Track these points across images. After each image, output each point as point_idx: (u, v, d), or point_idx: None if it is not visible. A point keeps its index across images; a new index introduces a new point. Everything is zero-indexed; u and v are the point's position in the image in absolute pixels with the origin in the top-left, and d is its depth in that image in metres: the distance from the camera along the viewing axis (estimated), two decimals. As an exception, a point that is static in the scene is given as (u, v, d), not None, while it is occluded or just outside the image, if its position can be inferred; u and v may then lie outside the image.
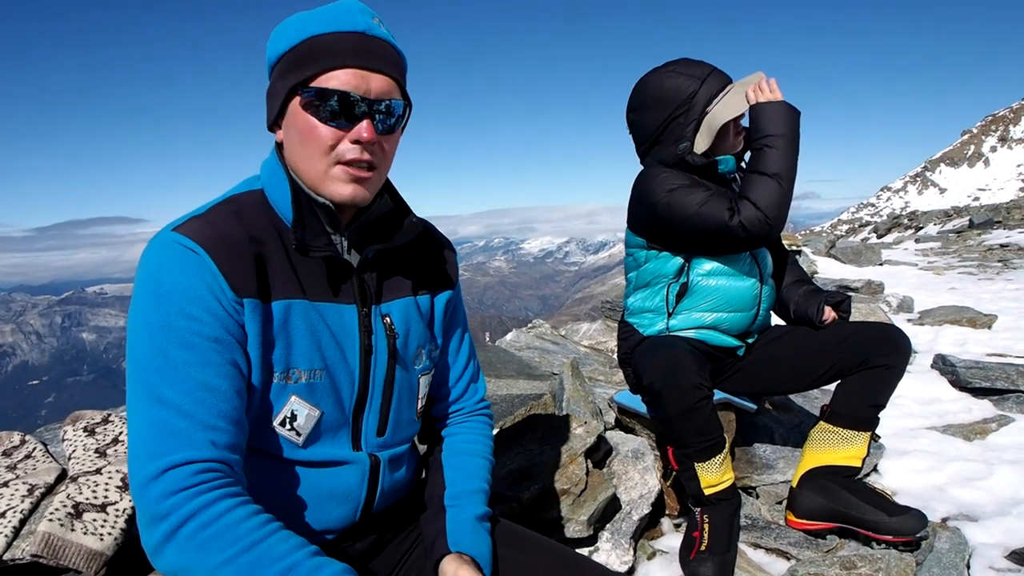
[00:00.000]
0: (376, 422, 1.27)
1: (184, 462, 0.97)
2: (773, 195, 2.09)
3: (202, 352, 1.03)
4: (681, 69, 2.25)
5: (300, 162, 1.16)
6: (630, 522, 2.15)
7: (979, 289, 7.45)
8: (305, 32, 1.13)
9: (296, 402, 1.16)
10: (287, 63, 1.15)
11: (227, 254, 1.07)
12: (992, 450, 2.99)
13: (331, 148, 1.13)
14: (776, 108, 2.12)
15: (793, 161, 2.11)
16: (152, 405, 1.00)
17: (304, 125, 1.13)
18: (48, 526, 1.48)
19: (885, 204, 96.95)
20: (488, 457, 1.45)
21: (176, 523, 0.94)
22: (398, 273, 1.32)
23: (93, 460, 1.78)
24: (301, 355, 1.15)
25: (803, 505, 2.26)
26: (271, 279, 1.13)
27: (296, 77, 1.13)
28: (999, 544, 2.19)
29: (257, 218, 1.16)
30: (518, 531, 1.38)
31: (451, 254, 1.46)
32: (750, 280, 2.30)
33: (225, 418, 1.03)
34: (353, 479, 1.25)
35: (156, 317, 1.03)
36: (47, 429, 2.19)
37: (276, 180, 1.19)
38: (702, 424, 2.06)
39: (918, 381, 3.89)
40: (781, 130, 2.11)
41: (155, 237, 1.09)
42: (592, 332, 4.67)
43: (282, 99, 1.15)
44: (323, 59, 1.11)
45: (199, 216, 1.11)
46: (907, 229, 19.59)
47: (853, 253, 10.03)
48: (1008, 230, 13.96)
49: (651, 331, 2.36)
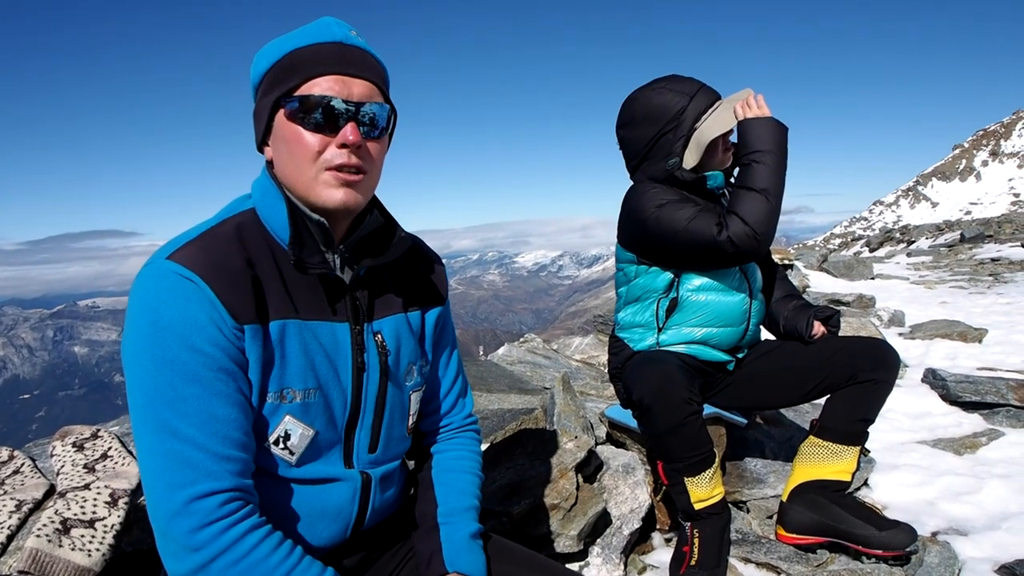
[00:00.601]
0: (368, 439, 1.28)
1: (207, 493, 1.01)
2: (761, 210, 2.10)
3: (209, 383, 1.04)
4: (670, 86, 2.27)
5: (290, 174, 1.16)
6: (620, 537, 2.15)
7: (970, 303, 7.49)
8: (284, 48, 1.15)
9: (290, 421, 1.16)
10: (270, 80, 1.16)
11: (225, 281, 1.07)
12: (982, 464, 3.00)
13: (318, 154, 1.13)
14: (764, 124, 2.14)
15: (780, 177, 2.13)
16: (165, 437, 1.02)
17: (291, 135, 1.14)
18: (36, 542, 1.48)
19: (878, 218, 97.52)
20: (478, 473, 1.45)
21: (210, 556, 1.00)
22: (389, 290, 1.33)
23: (82, 475, 1.78)
24: (295, 375, 1.16)
25: (793, 519, 2.26)
26: (268, 300, 1.14)
27: (279, 90, 1.14)
28: (989, 559, 2.19)
29: (251, 239, 1.16)
30: (508, 546, 1.39)
31: (441, 269, 1.47)
32: (740, 295, 2.31)
33: (237, 446, 1.06)
34: (344, 497, 1.25)
35: (160, 351, 1.03)
36: (36, 444, 2.19)
37: (269, 199, 1.19)
38: (692, 439, 2.07)
39: (908, 395, 3.90)
40: (768, 146, 2.13)
41: (149, 265, 1.08)
42: (584, 346, 4.67)
43: (268, 115, 1.16)
44: (304, 69, 1.13)
45: (192, 242, 1.10)
46: (899, 243, 19.70)
47: (845, 267, 10.08)
48: (999, 244, 14.05)
49: (641, 346, 2.37)
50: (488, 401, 2.94)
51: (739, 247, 2.10)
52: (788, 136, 2.17)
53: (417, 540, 1.35)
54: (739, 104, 2.19)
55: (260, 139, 1.21)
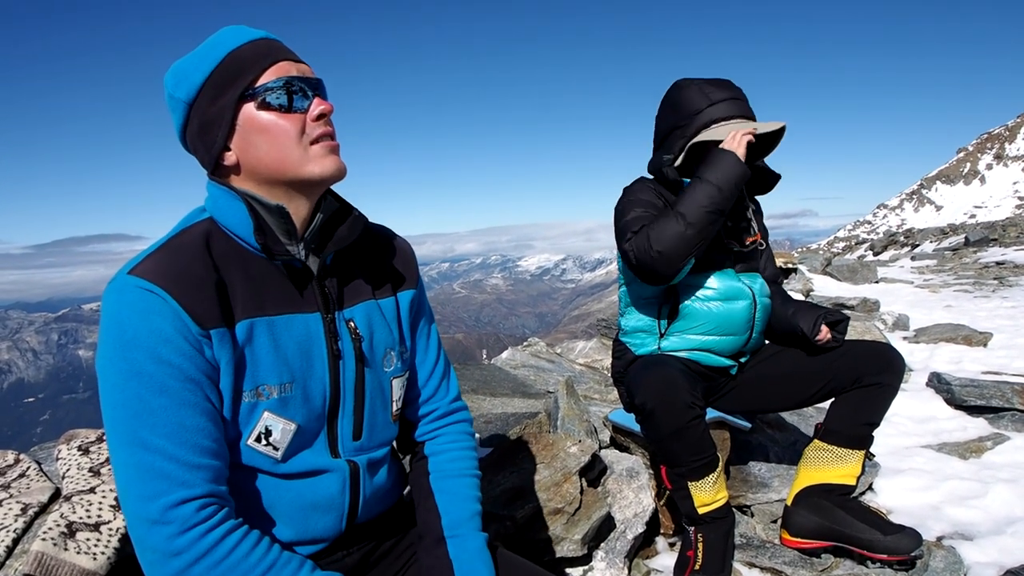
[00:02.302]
0: (351, 427, 1.29)
1: (182, 501, 1.02)
2: (669, 230, 2.07)
3: (176, 394, 1.05)
4: (704, 87, 2.25)
5: (274, 161, 1.17)
6: (624, 541, 2.15)
7: (975, 307, 7.46)
8: (219, 53, 1.17)
9: (269, 418, 1.17)
10: (216, 84, 1.16)
11: (187, 289, 1.08)
12: (987, 468, 2.99)
13: (301, 132, 1.17)
14: (726, 158, 2.10)
15: (707, 210, 2.07)
16: (136, 449, 1.03)
17: (267, 124, 1.16)
18: (41, 545, 1.48)
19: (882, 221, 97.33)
20: (475, 473, 1.45)
21: (190, 560, 1.02)
22: (357, 277, 1.34)
23: (87, 479, 1.78)
24: (269, 371, 1.16)
25: (797, 524, 2.26)
26: (233, 302, 1.14)
27: (237, 87, 1.16)
28: (994, 563, 2.19)
29: (212, 245, 1.16)
30: (516, 561, 1.39)
31: (408, 253, 1.47)
32: (743, 303, 2.30)
33: (208, 453, 1.07)
34: (334, 487, 1.26)
35: (125, 364, 1.04)
36: (41, 448, 2.20)
37: (224, 201, 1.19)
38: (695, 443, 2.06)
39: (913, 399, 3.89)
40: (714, 178, 2.09)
41: (113, 281, 1.09)
42: (588, 350, 4.67)
43: (231, 114, 1.16)
44: (253, 63, 1.16)
45: (152, 254, 1.11)
46: (903, 247, 19.65)
47: (849, 271, 10.05)
48: (1004, 248, 14.01)
49: (644, 351, 2.37)
50: (492, 405, 2.94)
51: (637, 259, 2.11)
52: (741, 182, 2.11)
53: (422, 553, 1.34)
54: (737, 131, 2.14)
55: (220, 145, 1.19)
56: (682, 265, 2.10)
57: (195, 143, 1.21)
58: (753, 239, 2.41)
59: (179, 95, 1.18)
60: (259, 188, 1.21)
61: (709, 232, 2.10)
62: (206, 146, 1.20)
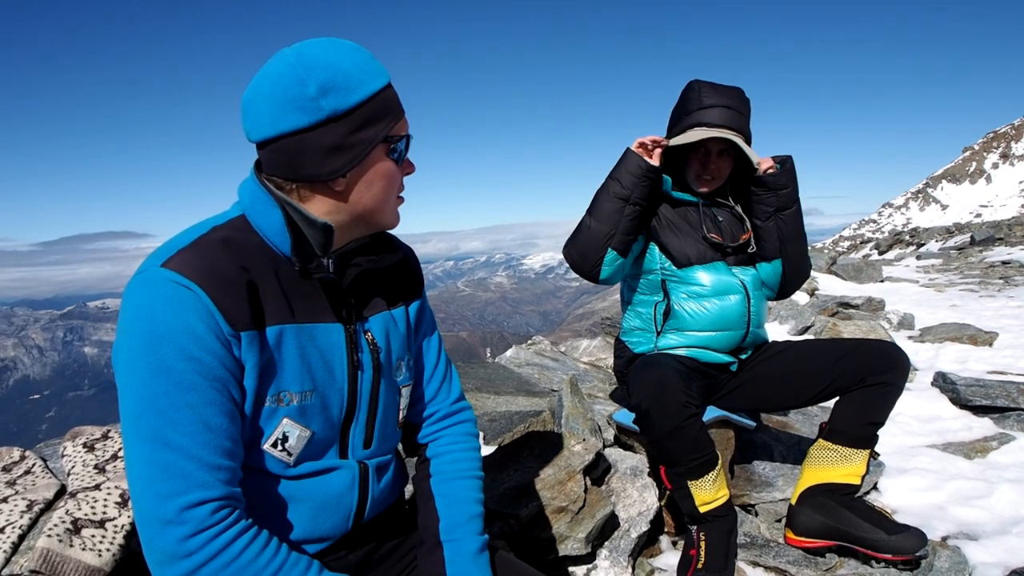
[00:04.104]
0: (363, 436, 1.30)
1: (199, 502, 1.01)
2: (579, 228, 2.28)
3: (203, 392, 1.04)
4: (703, 90, 2.28)
5: (370, 202, 1.22)
6: (628, 540, 2.15)
7: (980, 306, 7.44)
8: (376, 85, 1.17)
9: (288, 424, 1.17)
10: (367, 116, 1.15)
11: (222, 287, 1.07)
12: (993, 468, 2.98)
13: (399, 186, 1.26)
14: (625, 154, 2.24)
15: (607, 200, 2.21)
16: (156, 447, 1.02)
17: (387, 170, 1.22)
18: (47, 542, 1.49)
19: (887, 220, 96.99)
20: (476, 474, 1.45)
21: (200, 561, 1.01)
22: (374, 289, 1.35)
23: (92, 476, 1.79)
24: (292, 378, 1.17)
25: (802, 523, 2.25)
26: (264, 306, 1.14)
27: (382, 128, 1.18)
28: (999, 563, 2.18)
29: (245, 245, 1.15)
30: (514, 564, 1.40)
31: (415, 261, 1.49)
32: (736, 298, 2.30)
33: (227, 455, 1.07)
34: (344, 483, 1.27)
35: (155, 359, 1.02)
36: (47, 444, 2.20)
37: (262, 207, 1.18)
38: (692, 442, 2.06)
39: (918, 399, 3.88)
40: (614, 172, 2.24)
41: (142, 273, 1.07)
42: (592, 348, 4.67)
43: (368, 150, 1.17)
44: (393, 110, 1.20)
45: (186, 248, 1.10)
46: (908, 246, 19.60)
47: (854, 270, 10.02)
48: (1010, 247, 13.96)
49: (641, 349, 2.38)
50: (496, 403, 2.94)
51: (568, 262, 2.31)
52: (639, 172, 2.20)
53: (421, 558, 1.35)
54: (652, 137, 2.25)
55: (342, 172, 1.17)
56: (597, 258, 2.22)
57: (308, 153, 1.14)
58: (746, 235, 2.41)
59: (326, 104, 1.11)
60: (331, 214, 1.20)
61: (614, 220, 2.19)
62: (328, 165, 1.15)
